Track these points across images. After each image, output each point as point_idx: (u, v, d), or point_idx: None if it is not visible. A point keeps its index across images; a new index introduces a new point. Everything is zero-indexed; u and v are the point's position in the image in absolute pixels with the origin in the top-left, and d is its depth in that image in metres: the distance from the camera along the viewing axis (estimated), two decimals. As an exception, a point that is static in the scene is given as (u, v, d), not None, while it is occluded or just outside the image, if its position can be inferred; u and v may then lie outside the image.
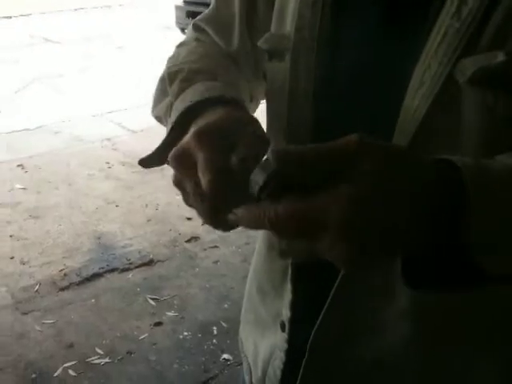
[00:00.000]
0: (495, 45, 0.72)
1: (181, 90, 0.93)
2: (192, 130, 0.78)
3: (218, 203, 0.69)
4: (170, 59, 1.08)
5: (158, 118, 1.07)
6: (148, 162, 0.90)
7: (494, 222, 0.59)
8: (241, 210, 0.62)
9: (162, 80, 1.02)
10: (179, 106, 0.89)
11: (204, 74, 0.96)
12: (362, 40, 0.87)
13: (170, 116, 0.94)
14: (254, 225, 0.61)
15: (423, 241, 0.60)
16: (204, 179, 0.69)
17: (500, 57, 0.70)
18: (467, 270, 0.62)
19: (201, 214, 0.75)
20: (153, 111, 1.09)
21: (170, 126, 0.89)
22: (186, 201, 0.77)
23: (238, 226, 0.70)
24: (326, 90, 0.90)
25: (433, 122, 0.77)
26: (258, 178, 0.59)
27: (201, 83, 0.92)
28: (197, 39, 1.14)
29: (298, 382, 1.00)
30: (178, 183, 0.76)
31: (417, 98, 0.76)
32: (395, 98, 0.79)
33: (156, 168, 0.89)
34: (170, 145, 0.82)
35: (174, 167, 0.74)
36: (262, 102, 1.15)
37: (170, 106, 0.95)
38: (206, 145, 0.72)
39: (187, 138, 0.76)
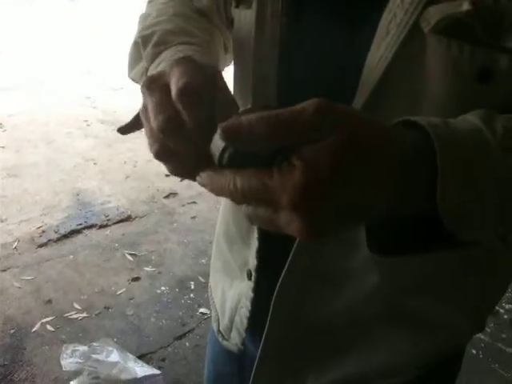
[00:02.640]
0: None
1: (155, 55, 0.92)
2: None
3: (186, 112, 0.66)
4: (142, 19, 1.06)
5: (135, 81, 1.05)
6: (126, 129, 0.86)
7: (463, 183, 0.57)
8: (205, 176, 0.60)
9: (136, 44, 1.00)
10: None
11: (176, 35, 0.94)
12: None
13: None
14: (217, 193, 0.60)
15: (387, 212, 0.59)
16: (178, 83, 0.67)
17: (465, 6, 0.68)
18: (435, 235, 0.62)
19: (152, 135, 0.70)
20: (129, 74, 1.07)
21: None
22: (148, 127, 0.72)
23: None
24: (292, 39, 0.89)
25: (396, 72, 0.76)
26: (214, 148, 0.58)
27: (174, 48, 0.90)
28: None
29: (265, 330, 1.01)
30: (143, 112, 0.72)
31: (382, 47, 0.75)
32: (362, 50, 0.78)
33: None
34: None
35: (147, 89, 0.71)
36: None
37: (146, 71, 0.94)
38: (183, 66, 0.70)
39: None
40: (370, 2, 0.78)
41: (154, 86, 0.70)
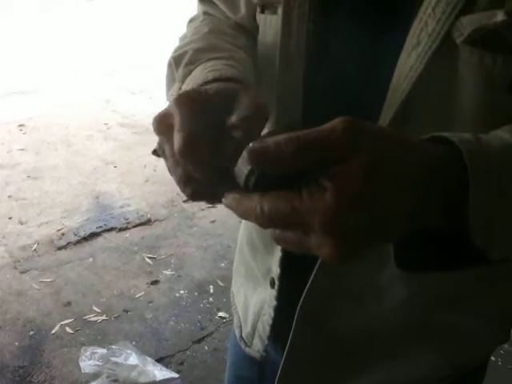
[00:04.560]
0: (494, 4, 0.68)
1: (186, 74, 0.91)
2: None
3: (189, 166, 0.65)
4: (180, 40, 1.05)
5: None
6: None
7: (494, 201, 0.56)
8: (230, 198, 0.59)
9: (170, 65, 0.98)
10: None
11: (207, 52, 0.93)
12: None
13: None
14: (243, 217, 0.58)
15: (419, 229, 0.57)
16: (176, 139, 0.65)
17: (499, 16, 0.66)
18: (462, 252, 0.60)
19: (176, 181, 0.70)
20: (166, 97, 1.03)
21: None
22: (168, 169, 0.72)
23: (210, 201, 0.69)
24: (319, 45, 0.87)
25: (427, 83, 0.74)
26: (239, 172, 0.56)
27: (203, 65, 0.88)
28: (205, 13, 1.11)
29: (288, 342, 1.00)
30: (161, 150, 0.72)
31: (412, 57, 0.73)
32: (390, 59, 0.76)
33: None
34: None
35: (156, 131, 0.70)
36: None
37: (179, 91, 0.92)
38: (184, 106, 0.67)
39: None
40: (400, 9, 0.77)
41: (161, 127, 0.69)
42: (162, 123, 0.69)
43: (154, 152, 0.82)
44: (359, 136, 0.52)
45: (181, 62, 0.94)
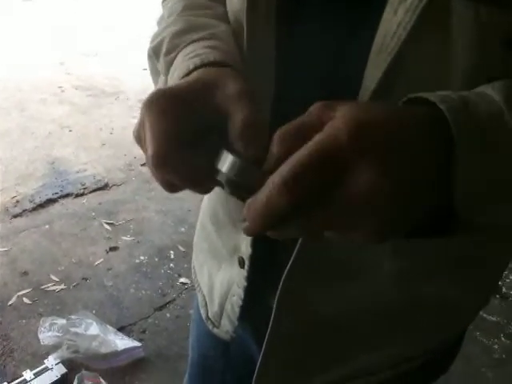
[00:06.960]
0: None
1: (168, 65, 0.84)
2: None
3: (165, 176, 0.62)
4: (157, 24, 0.96)
5: None
6: None
7: (483, 165, 0.53)
8: (251, 209, 0.53)
9: (150, 57, 0.92)
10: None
11: (184, 34, 0.85)
12: None
13: None
14: (270, 219, 0.53)
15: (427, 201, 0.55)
16: (148, 152, 0.61)
17: None
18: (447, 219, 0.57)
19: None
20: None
21: None
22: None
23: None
24: (290, 13, 0.80)
25: (417, 42, 0.67)
26: (223, 169, 0.55)
27: (183, 52, 0.81)
28: None
29: (269, 327, 0.95)
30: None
31: (399, 13, 0.66)
32: (370, 21, 0.70)
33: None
34: None
35: (137, 143, 0.66)
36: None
37: (166, 84, 0.86)
38: (153, 113, 0.63)
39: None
40: None
41: (139, 139, 0.65)
42: (140, 135, 0.65)
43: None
44: (336, 106, 0.52)
45: (160, 52, 0.87)
